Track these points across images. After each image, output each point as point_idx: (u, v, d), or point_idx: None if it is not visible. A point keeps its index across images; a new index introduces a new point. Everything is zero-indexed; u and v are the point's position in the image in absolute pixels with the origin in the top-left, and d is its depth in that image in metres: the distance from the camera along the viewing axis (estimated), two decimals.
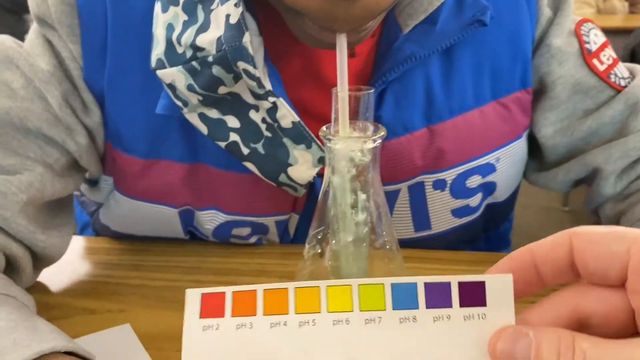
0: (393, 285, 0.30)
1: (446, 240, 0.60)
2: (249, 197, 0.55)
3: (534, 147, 0.60)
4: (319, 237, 0.46)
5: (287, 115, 0.48)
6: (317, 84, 0.52)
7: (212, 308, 0.30)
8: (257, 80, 0.45)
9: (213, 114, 0.48)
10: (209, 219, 0.57)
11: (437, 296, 0.29)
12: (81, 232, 0.72)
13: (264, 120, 0.49)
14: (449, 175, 0.55)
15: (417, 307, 0.29)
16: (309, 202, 0.55)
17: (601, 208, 0.58)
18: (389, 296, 0.30)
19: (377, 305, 0.30)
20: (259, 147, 0.49)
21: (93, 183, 0.61)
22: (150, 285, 0.54)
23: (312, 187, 0.54)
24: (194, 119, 0.48)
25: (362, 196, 0.43)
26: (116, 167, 0.55)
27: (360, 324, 0.30)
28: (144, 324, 0.49)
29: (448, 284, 0.29)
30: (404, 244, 0.53)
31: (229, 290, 0.30)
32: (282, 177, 0.50)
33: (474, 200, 0.58)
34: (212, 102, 0.48)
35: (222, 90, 0.47)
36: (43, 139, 0.50)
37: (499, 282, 0.28)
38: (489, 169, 0.57)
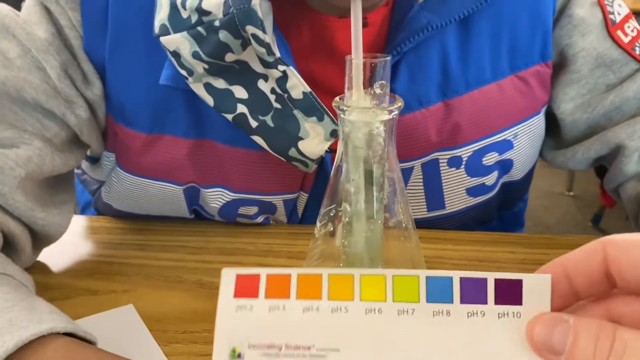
0: (428, 278, 0.30)
1: (460, 221, 0.58)
2: (256, 174, 0.53)
3: (552, 124, 0.58)
4: (331, 214, 0.44)
5: (298, 85, 0.45)
6: (328, 56, 0.50)
7: (246, 288, 0.31)
8: (267, 46, 0.43)
9: (219, 84, 0.46)
10: (215, 197, 0.55)
11: (473, 292, 0.29)
12: (83, 211, 0.70)
13: (273, 91, 0.46)
14: (465, 152, 0.53)
15: (451, 302, 0.29)
16: (318, 180, 0.53)
17: (622, 187, 0.56)
18: (423, 289, 0.30)
19: (410, 297, 0.30)
20: (268, 119, 0.47)
21: (94, 160, 0.59)
22: (155, 265, 0.53)
23: (322, 164, 0.52)
24: (199, 89, 0.46)
25: (376, 171, 0.41)
26: (118, 142, 0.53)
27: (392, 315, 0.29)
28: (148, 305, 0.47)
29: (484, 280, 0.29)
30: (417, 224, 0.51)
31: (263, 272, 0.30)
32: (292, 152, 0.48)
33: (490, 179, 0.56)
34: (218, 71, 0.46)
35: (229, 57, 0.45)
36: (41, 111, 0.47)
37: (537, 281, 0.28)
38: (507, 145, 0.54)
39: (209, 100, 0.46)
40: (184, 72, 0.45)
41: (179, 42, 0.44)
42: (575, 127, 0.56)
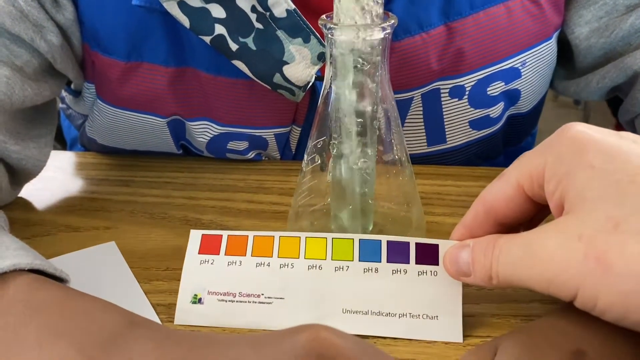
0: (361, 241, 0.35)
1: (463, 156, 0.55)
2: (243, 106, 0.50)
3: (565, 51, 0.54)
4: (319, 146, 0.41)
5: (281, 2, 0.41)
6: None
7: (209, 246, 0.36)
8: None
9: (194, 2, 0.42)
10: (202, 131, 0.52)
11: (397, 253, 0.34)
12: (71, 147, 0.68)
13: (253, 9, 0.42)
14: (469, 80, 0.49)
15: (379, 261, 0.34)
16: (312, 112, 0.50)
17: (638, 119, 0.52)
18: (357, 249, 0.35)
19: (346, 256, 0.35)
20: (249, 41, 0.43)
21: (77, 93, 0.56)
22: (140, 201, 0.51)
23: (314, 93, 0.49)
24: (173, 8, 0.42)
25: (368, 99, 0.38)
26: (96, 72, 0.50)
27: (330, 270, 0.35)
28: (131, 242, 0.45)
29: (407, 244, 0.35)
30: (416, 159, 0.48)
31: (225, 233, 0.37)
32: (277, 78, 0.44)
33: (495, 111, 0.52)
34: None
35: None
36: (8, 36, 0.44)
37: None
38: (514, 74, 0.50)
39: (185, 21, 0.43)
40: None
41: None
42: (590, 54, 0.52)
